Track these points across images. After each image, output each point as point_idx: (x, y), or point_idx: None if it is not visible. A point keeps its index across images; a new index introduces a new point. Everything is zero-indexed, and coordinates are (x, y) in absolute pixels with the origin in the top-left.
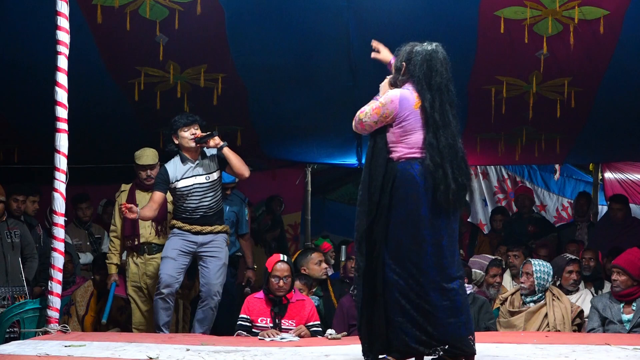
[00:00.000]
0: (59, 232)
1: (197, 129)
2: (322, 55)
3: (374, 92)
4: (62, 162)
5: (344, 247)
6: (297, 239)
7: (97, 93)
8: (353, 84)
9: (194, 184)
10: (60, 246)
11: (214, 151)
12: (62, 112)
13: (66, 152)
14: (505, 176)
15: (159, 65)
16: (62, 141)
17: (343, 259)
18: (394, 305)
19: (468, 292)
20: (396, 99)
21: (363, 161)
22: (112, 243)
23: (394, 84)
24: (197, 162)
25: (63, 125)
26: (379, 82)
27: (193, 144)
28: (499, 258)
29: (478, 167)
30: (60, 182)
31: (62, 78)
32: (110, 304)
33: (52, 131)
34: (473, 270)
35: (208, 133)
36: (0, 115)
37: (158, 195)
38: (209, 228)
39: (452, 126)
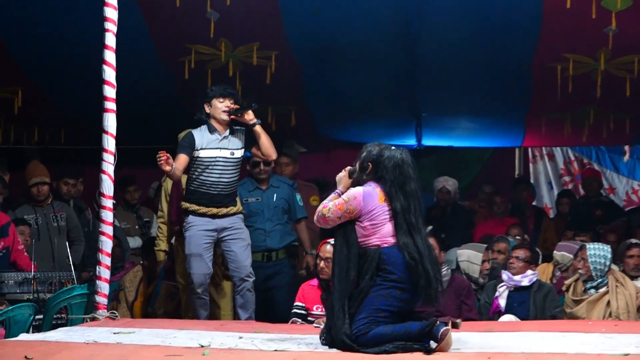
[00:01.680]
0: (107, 216)
1: (231, 103)
2: (379, 32)
3: (432, 71)
4: (110, 143)
5: None
6: None
7: (146, 72)
8: (411, 62)
9: (217, 157)
10: (108, 230)
11: (242, 128)
12: (110, 92)
13: (114, 133)
14: (572, 158)
15: (210, 43)
16: (110, 121)
17: None
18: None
19: (534, 279)
20: (359, 195)
21: (422, 142)
22: (160, 229)
23: (356, 182)
24: (225, 135)
25: (111, 105)
26: (437, 62)
27: (225, 116)
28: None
29: (543, 148)
30: (108, 164)
31: (110, 56)
32: (159, 290)
33: (100, 111)
34: (561, 253)
35: (245, 106)
36: (47, 95)
37: (183, 157)
38: (224, 210)
39: (424, 228)
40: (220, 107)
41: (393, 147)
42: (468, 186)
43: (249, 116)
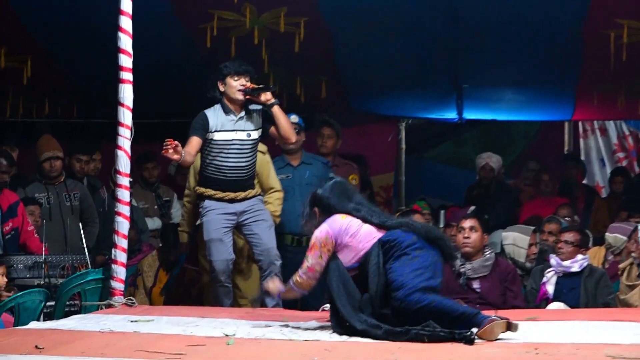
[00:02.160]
0: (124, 195)
1: (247, 81)
2: None
3: (475, 37)
4: (126, 117)
5: (442, 212)
6: (389, 202)
7: (165, 39)
8: (452, 28)
9: (233, 139)
10: (124, 210)
11: (258, 107)
12: (126, 61)
13: (131, 105)
14: (627, 132)
15: (234, 8)
16: (127, 93)
17: (442, 225)
18: None
19: (585, 264)
20: (323, 229)
21: (464, 115)
22: (186, 208)
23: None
24: (240, 116)
25: (127, 75)
26: (482, 26)
27: (240, 96)
28: None
29: (595, 122)
30: (125, 139)
31: (125, 22)
32: (176, 274)
33: (115, 82)
34: (614, 235)
35: (262, 86)
36: (58, 65)
37: (196, 140)
38: (242, 194)
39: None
40: (236, 85)
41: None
42: (513, 163)
43: (266, 97)
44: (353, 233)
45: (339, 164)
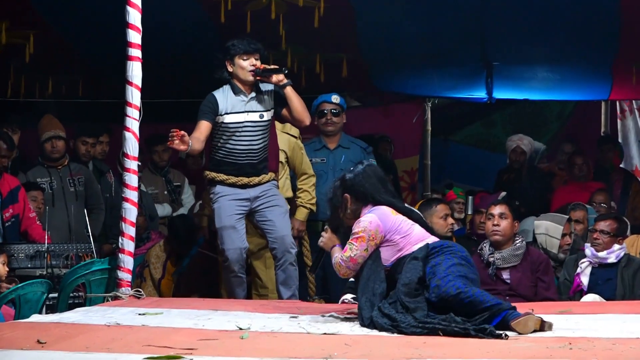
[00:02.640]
0: (132, 179)
1: (257, 60)
2: None
3: (506, 12)
4: (134, 96)
5: (470, 198)
6: (414, 187)
7: (176, 13)
8: (482, 1)
9: (245, 121)
10: (132, 195)
11: (270, 87)
12: (134, 37)
13: (139, 84)
14: None
15: None
16: (135, 71)
17: (470, 212)
18: None
19: (622, 254)
20: (374, 219)
21: (493, 95)
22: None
23: (346, 224)
24: (251, 96)
25: (136, 52)
26: (510, 1)
27: (251, 77)
28: None
29: (634, 102)
30: (133, 120)
31: None
32: (191, 256)
33: (123, 59)
34: None
35: (274, 67)
36: (63, 40)
37: (205, 125)
38: (256, 179)
39: None
40: (245, 65)
41: (351, 168)
42: (546, 145)
43: (278, 78)
44: (406, 234)
45: None
